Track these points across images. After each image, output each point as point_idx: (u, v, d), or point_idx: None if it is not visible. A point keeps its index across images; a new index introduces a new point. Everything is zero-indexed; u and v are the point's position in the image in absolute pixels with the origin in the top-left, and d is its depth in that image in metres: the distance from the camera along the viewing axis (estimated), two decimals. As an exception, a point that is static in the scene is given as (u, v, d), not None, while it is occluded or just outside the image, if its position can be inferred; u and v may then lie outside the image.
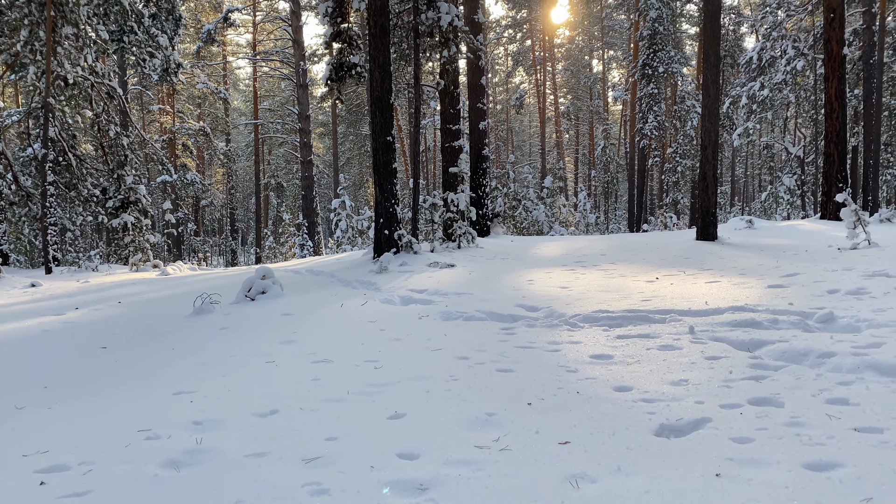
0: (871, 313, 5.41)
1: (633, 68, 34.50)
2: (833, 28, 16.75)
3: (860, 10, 24.51)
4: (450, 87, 16.69)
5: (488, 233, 18.44)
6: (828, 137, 17.00)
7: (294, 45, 30.24)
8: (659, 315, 6.05)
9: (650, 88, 32.06)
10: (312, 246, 29.20)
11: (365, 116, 39.91)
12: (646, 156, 34.03)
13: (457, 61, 15.22)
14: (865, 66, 23.56)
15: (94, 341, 6.38)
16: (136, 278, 13.17)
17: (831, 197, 16.20)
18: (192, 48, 36.84)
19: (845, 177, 16.85)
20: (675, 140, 34.06)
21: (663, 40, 31.41)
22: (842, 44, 16.76)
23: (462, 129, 18.11)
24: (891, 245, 9.80)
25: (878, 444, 2.96)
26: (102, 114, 19.37)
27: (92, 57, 17.45)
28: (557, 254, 12.37)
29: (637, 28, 34.14)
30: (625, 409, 3.66)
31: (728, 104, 27.89)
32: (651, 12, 31.10)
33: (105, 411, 4.11)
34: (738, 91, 27.90)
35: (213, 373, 4.92)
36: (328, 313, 7.22)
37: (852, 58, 26.07)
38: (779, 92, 25.74)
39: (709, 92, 12.76)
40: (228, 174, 45.64)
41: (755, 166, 47.61)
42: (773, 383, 3.99)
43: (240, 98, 55.58)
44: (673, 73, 31.83)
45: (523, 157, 60.16)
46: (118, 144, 18.83)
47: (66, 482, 3.00)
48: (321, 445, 3.32)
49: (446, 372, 4.61)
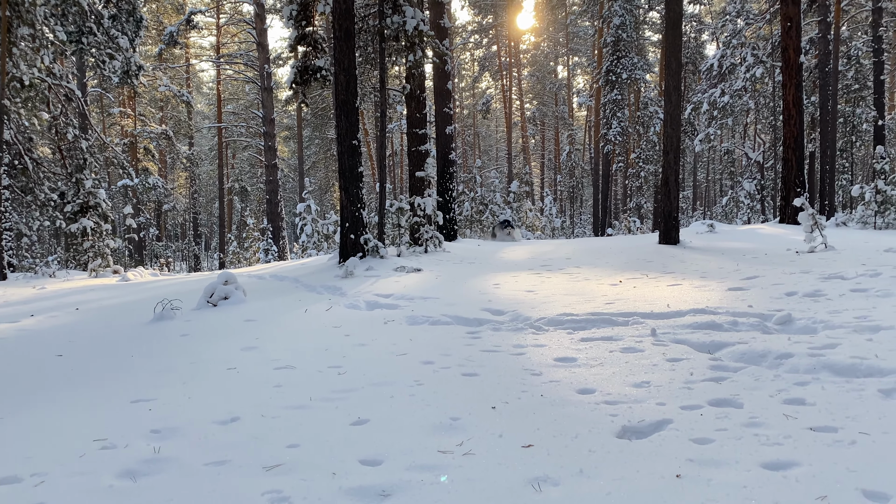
0: (827, 315, 5.54)
1: (598, 74, 34.92)
2: (790, 37, 17.15)
3: (816, 20, 25.16)
4: (416, 91, 16.69)
5: (455, 237, 18.46)
6: (786, 143, 17.38)
7: (258, 48, 29.96)
8: (622, 318, 6.11)
9: (614, 94, 32.47)
10: (277, 251, 28.91)
11: (331, 120, 39.69)
12: (610, 161, 34.44)
13: (423, 66, 15.21)
14: (821, 73, 24.18)
15: (49, 349, 6.21)
16: (96, 284, 12.88)
17: (790, 201, 16.56)
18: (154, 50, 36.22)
19: (803, 181, 17.24)
20: (638, 145, 34.56)
21: (627, 47, 31.85)
22: (798, 52, 17.17)
23: (429, 133, 18.11)
24: (846, 248, 10.05)
25: (833, 443, 3.02)
26: (60, 116, 18.95)
27: (49, 58, 17.07)
28: (524, 258, 12.44)
29: (601, 35, 34.58)
30: (588, 412, 3.68)
31: (690, 110, 28.37)
32: (615, 19, 31.52)
33: (59, 421, 3.99)
34: (700, 97, 28.41)
35: (172, 380, 4.82)
36: (292, 319, 7.14)
37: (809, 66, 26.76)
38: (739, 98, 26.27)
39: (671, 98, 12.96)
40: (191, 178, 45.00)
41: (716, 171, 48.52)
42: (732, 384, 4.05)
43: (203, 101, 54.85)
44: (636, 79, 32.30)
45: (490, 161, 60.44)
46: (77, 148, 18.43)
47: (17, 494, 2.91)
48: (282, 453, 3.27)
49: (411, 377, 4.59)
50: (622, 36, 31.50)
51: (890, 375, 3.91)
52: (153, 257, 38.04)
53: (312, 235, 23.85)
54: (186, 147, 41.79)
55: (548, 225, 31.48)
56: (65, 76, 19.73)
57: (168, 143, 36.17)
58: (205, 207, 55.14)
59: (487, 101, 44.68)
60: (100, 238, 17.19)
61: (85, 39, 19.36)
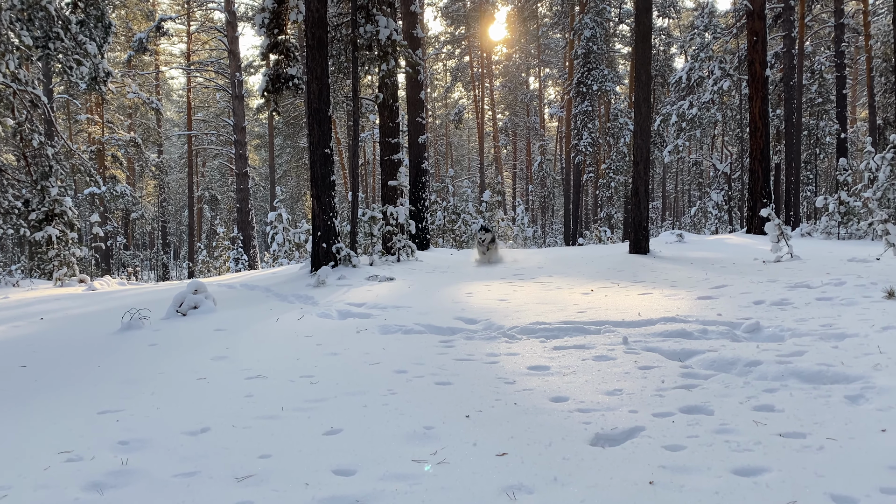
0: (794, 323, 5.63)
1: (569, 86, 35.27)
2: (756, 51, 17.52)
3: (781, 35, 25.75)
4: (389, 100, 16.70)
5: (428, 246, 18.45)
6: (753, 155, 17.72)
7: (230, 56, 29.75)
8: (594, 326, 6.15)
9: (584, 106, 32.82)
10: (248, 260, 28.62)
11: (302, 128, 39.51)
12: (581, 171, 34.76)
13: (395, 75, 15.23)
14: (786, 87, 24.73)
15: (12, 360, 6.06)
16: (61, 294, 12.61)
17: (756, 212, 16.87)
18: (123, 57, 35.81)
19: (769, 192, 17.58)
20: (608, 156, 34.94)
21: (597, 59, 32.24)
22: (764, 65, 17.55)
23: (401, 142, 18.12)
24: (812, 258, 10.26)
25: (802, 449, 3.07)
26: (25, 122, 18.57)
27: (15, 63, 16.74)
28: (496, 267, 12.46)
29: (572, 47, 34.96)
30: (561, 420, 3.69)
31: (659, 122, 28.78)
32: (585, 32, 31.89)
33: (22, 433, 3.90)
34: (669, 109, 28.84)
35: (140, 391, 4.74)
36: (263, 328, 7.07)
37: (774, 79, 27.36)
38: (707, 111, 26.72)
39: (640, 110, 13.13)
40: (160, 186, 44.40)
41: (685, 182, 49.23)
42: (703, 391, 4.09)
43: (173, 108, 54.25)
44: (606, 91, 32.68)
45: (462, 171, 60.62)
46: (42, 154, 18.07)
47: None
48: (254, 463, 3.23)
49: (384, 386, 4.57)
50: (593, 48, 31.88)
51: (855, 382, 3.99)
52: (121, 266, 37.40)
53: (284, 244, 23.66)
54: (155, 155, 41.28)
55: (519, 234, 31.62)
56: (30, 82, 19.36)
57: (137, 150, 35.66)
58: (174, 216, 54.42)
59: (460, 111, 44.86)
60: (65, 247, 16.85)
61: (52, 45, 19.03)
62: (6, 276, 15.21)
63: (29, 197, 18.12)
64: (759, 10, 17.69)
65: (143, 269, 44.26)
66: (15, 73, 17.06)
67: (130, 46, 29.51)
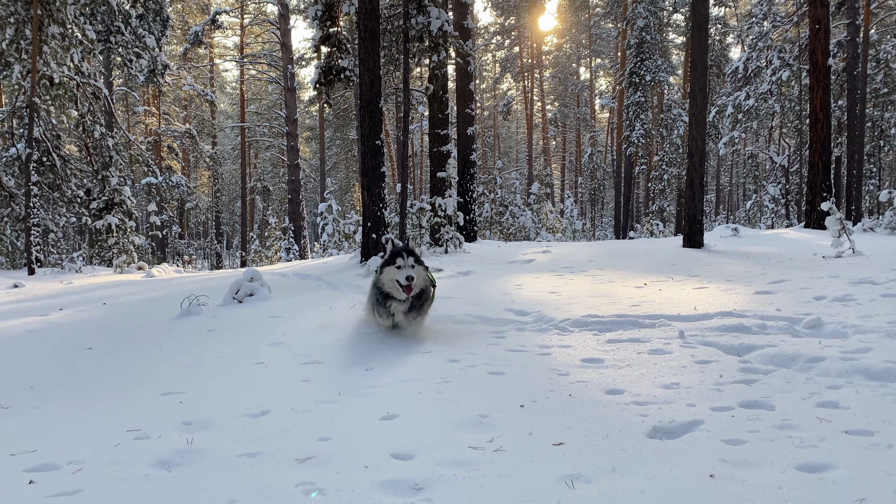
0: (857, 319, 5.46)
1: (621, 76, 34.75)
2: (818, 39, 16.95)
3: (844, 23, 24.86)
4: (439, 92, 16.72)
5: (475, 238, 18.45)
6: (812, 147, 17.18)
7: (282, 49, 30.18)
8: (648, 320, 6.07)
9: (637, 97, 32.29)
10: (298, 250, 29.08)
11: (352, 121, 39.88)
12: (632, 163, 34.24)
13: (446, 66, 15.23)
14: (849, 77, 23.88)
15: (79, 342, 6.30)
16: (121, 280, 13.04)
17: (815, 206, 16.37)
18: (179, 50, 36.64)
19: (829, 186, 17.03)
20: (661, 148, 34.33)
21: (650, 49, 31.66)
22: (827, 54, 16.97)
23: (450, 134, 18.14)
24: (875, 254, 9.92)
25: (869, 447, 2.99)
26: (88, 114, 19.21)
27: (78, 57, 17.30)
28: (545, 260, 12.40)
29: (624, 37, 34.40)
30: (617, 412, 3.66)
31: (714, 113, 28.14)
32: (638, 21, 31.35)
33: (92, 411, 4.06)
34: (724, 100, 28.16)
35: (201, 374, 4.88)
36: (317, 316, 7.18)
37: (837, 69, 26.43)
38: (764, 102, 26.01)
39: (696, 100, 12.87)
40: (214, 177, 45.41)
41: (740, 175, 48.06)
42: (763, 387, 4.01)
43: (226, 101, 55.33)
44: (660, 81, 32.10)
45: (510, 163, 60.35)
46: (103, 145, 18.67)
47: (55, 481, 2.96)
48: (314, 446, 3.30)
49: (437, 374, 4.60)
50: (646, 38, 31.32)
51: (925, 380, 3.86)
52: (175, 254, 38.43)
53: (333, 235, 23.97)
54: (210, 146, 42.20)
55: (568, 227, 31.36)
56: (92, 74, 20.01)
57: (191, 141, 36.56)
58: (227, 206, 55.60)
59: (508, 102, 44.62)
60: (124, 235, 17.40)
61: (113, 38, 19.64)
62: (69, 263, 15.78)
63: (90, 186, 18.76)
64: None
65: (197, 257, 45.38)
66: (78, 66, 17.63)
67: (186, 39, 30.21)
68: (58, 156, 18.48)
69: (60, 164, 18.50)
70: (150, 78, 20.82)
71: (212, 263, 43.96)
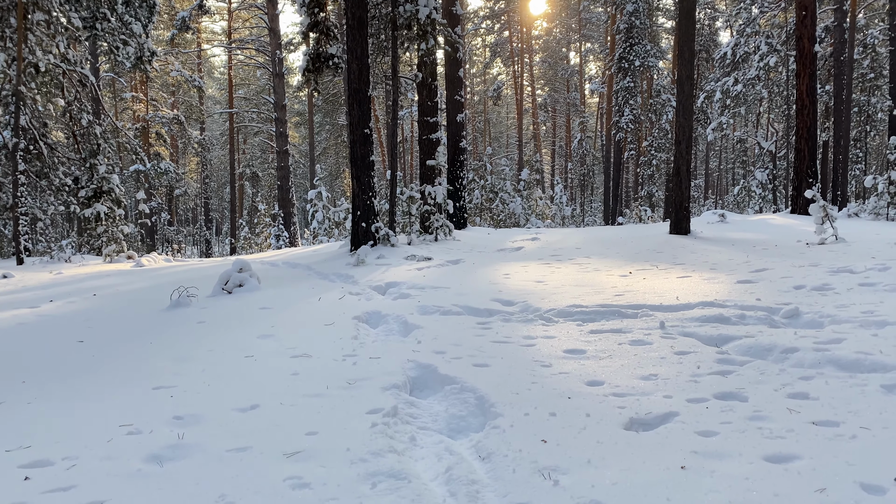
0: (834, 309, 5.61)
1: (610, 61, 34.75)
2: (805, 25, 17.03)
3: (832, 8, 24.92)
4: (427, 79, 16.71)
5: (465, 225, 18.53)
6: (799, 133, 17.31)
7: (270, 34, 29.97)
8: (631, 310, 6.20)
9: (626, 82, 32.33)
10: (288, 237, 29.08)
11: (341, 106, 39.72)
12: (622, 149, 34.34)
13: (434, 53, 15.23)
14: (836, 62, 23.99)
15: (70, 335, 6.37)
16: (111, 270, 13.07)
17: (801, 192, 16.53)
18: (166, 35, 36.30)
19: (815, 172, 17.19)
20: (650, 133, 34.42)
21: (640, 34, 31.66)
22: (813, 41, 17.06)
23: (439, 121, 18.15)
24: (857, 240, 10.07)
25: (834, 437, 3.12)
26: (74, 102, 19.09)
27: (64, 44, 17.19)
28: (533, 247, 12.51)
29: (614, 21, 34.37)
30: (596, 404, 3.78)
31: (703, 98, 28.23)
32: (628, 6, 31.32)
33: (85, 406, 4.14)
34: (713, 86, 28.24)
35: (191, 367, 4.96)
36: (306, 307, 7.27)
37: (824, 54, 26.53)
38: (752, 87, 26.11)
39: (683, 88, 12.95)
40: (203, 163, 45.18)
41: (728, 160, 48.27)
42: (738, 378, 4.14)
43: (214, 86, 54.94)
44: (649, 66, 32.13)
45: (500, 148, 60.31)
46: (91, 133, 18.58)
47: (50, 477, 3.05)
48: (302, 440, 3.40)
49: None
50: (635, 23, 31.31)
51: (893, 371, 3.99)
52: (165, 242, 38.34)
53: (323, 222, 24.00)
54: (198, 132, 41.95)
55: (558, 213, 31.48)
56: (79, 61, 19.85)
57: (180, 128, 36.34)
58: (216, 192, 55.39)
59: (499, 87, 44.54)
60: (113, 223, 17.38)
61: (99, 25, 19.46)
62: (58, 252, 15.77)
63: (78, 174, 18.69)
64: (808, -16, 17.15)
65: (186, 244, 45.27)
66: (64, 53, 17.50)
67: (173, 25, 29.94)
68: (45, 144, 18.40)
69: (48, 153, 18.43)
70: (136, 65, 20.65)
71: (201, 250, 43.88)
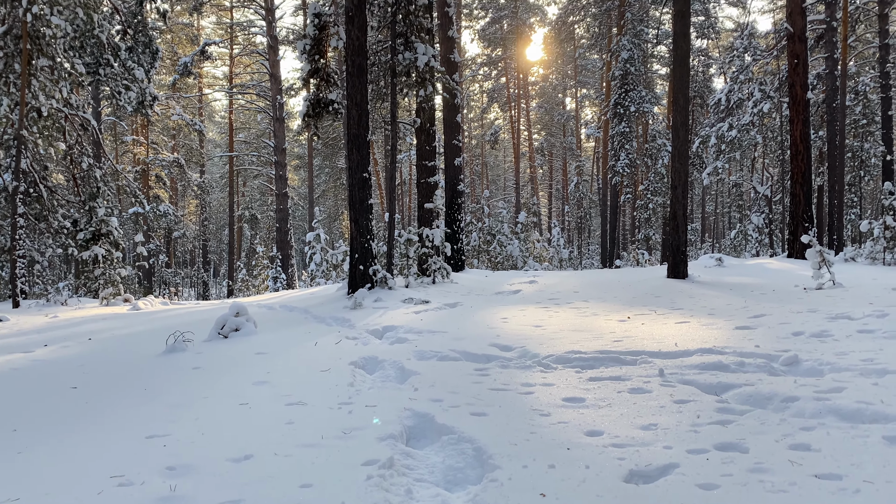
0: (833, 357, 5.57)
1: (606, 107, 35.24)
2: (797, 73, 17.34)
3: (823, 56, 25.41)
4: (426, 124, 16.91)
5: (463, 267, 18.54)
6: (794, 178, 17.48)
7: (271, 79, 30.43)
8: (630, 356, 6.16)
9: (622, 127, 32.72)
10: (286, 279, 29.05)
11: (341, 149, 40.11)
12: (618, 192, 34.59)
13: (433, 100, 15.45)
14: (829, 108, 24.35)
15: (64, 380, 6.30)
16: (107, 313, 13.01)
17: (798, 236, 16.61)
18: (168, 80, 36.87)
19: (811, 216, 17.30)
20: (646, 177, 34.72)
21: (635, 80, 32.17)
22: (805, 88, 17.35)
23: (437, 165, 18.31)
24: (854, 285, 10.07)
25: (837, 491, 3.07)
26: (76, 145, 19.27)
27: (67, 89, 17.39)
28: (531, 290, 12.49)
29: (609, 68, 34.96)
30: (596, 455, 3.73)
31: (698, 143, 28.57)
32: (623, 53, 31.89)
33: (76, 456, 4.07)
34: (708, 131, 28.61)
35: (186, 415, 4.90)
36: (303, 352, 7.22)
37: (816, 101, 26.94)
38: (746, 133, 26.45)
39: (678, 134, 13.10)
40: (202, 206, 45.40)
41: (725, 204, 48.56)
42: (738, 428, 4.09)
43: (215, 130, 55.54)
44: (644, 112, 32.56)
45: (498, 191, 60.73)
46: (91, 176, 18.71)
47: (37, 532, 2.98)
48: (296, 493, 3.34)
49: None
50: (630, 69, 31.84)
51: (895, 422, 3.95)
52: (162, 284, 38.25)
53: (321, 264, 24.00)
54: (198, 175, 42.23)
55: (555, 256, 31.55)
56: (81, 106, 20.09)
57: (179, 170, 36.58)
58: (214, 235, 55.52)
59: (496, 131, 45.07)
60: (111, 266, 17.36)
61: (102, 71, 19.78)
62: (55, 295, 15.71)
63: (77, 217, 18.74)
64: (799, 33, 17.53)
65: (183, 286, 45.17)
66: (67, 98, 17.70)
67: (175, 70, 30.42)
68: (45, 187, 18.49)
69: (47, 195, 18.50)
70: (138, 109, 20.93)
71: (198, 292, 43.76)
